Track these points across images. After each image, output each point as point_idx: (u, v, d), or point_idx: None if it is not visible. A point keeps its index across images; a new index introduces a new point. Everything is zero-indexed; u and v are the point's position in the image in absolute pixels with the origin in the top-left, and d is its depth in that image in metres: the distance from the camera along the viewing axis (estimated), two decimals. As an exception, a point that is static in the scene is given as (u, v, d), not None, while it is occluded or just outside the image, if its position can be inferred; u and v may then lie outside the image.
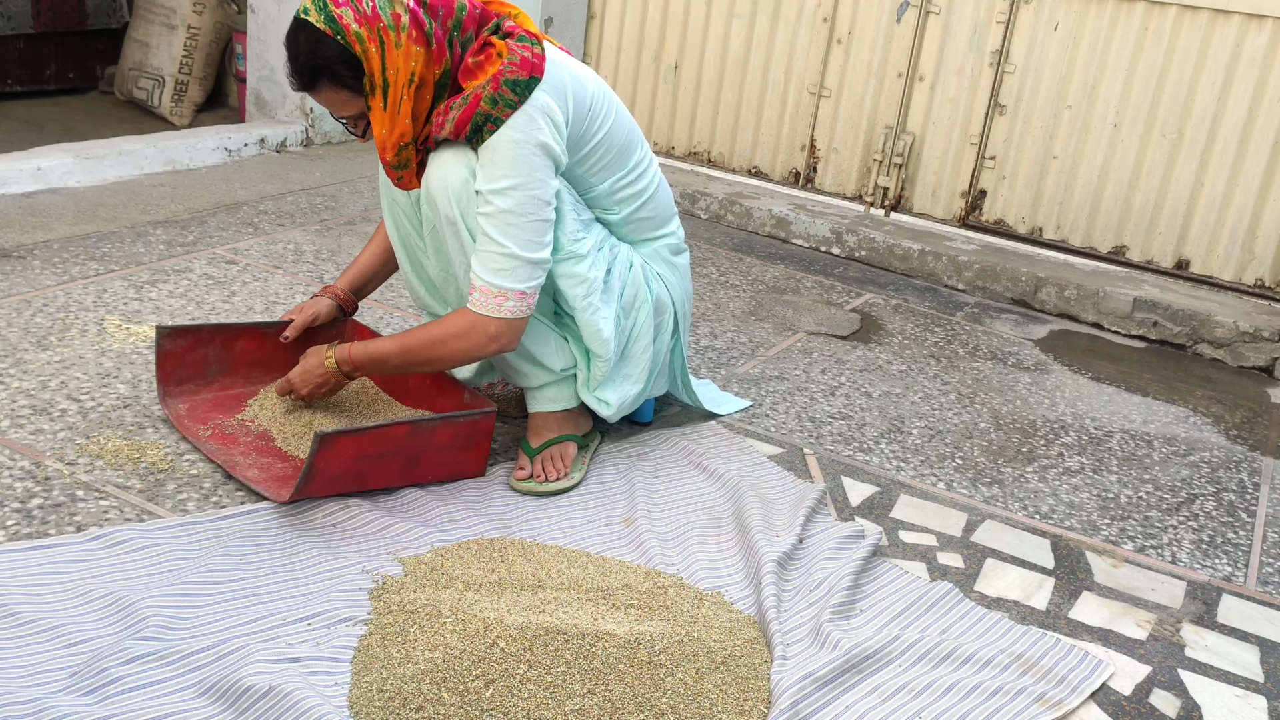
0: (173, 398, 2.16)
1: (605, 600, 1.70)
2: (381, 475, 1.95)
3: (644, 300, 2.12)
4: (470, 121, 1.85)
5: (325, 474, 1.85)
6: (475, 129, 1.86)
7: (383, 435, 1.91)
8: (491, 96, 1.84)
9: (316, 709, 1.40)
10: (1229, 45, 3.45)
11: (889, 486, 2.28)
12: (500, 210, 1.87)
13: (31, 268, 2.75)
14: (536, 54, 1.89)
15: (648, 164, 2.14)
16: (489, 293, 1.89)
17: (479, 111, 1.85)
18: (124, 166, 3.58)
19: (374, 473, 1.93)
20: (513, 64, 1.86)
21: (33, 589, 1.60)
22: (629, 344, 2.13)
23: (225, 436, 2.08)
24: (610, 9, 4.45)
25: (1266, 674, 1.86)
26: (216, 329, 2.20)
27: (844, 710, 1.58)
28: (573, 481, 2.09)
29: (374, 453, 1.90)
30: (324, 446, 1.81)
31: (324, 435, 1.79)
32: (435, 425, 1.98)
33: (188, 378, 2.18)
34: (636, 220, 2.14)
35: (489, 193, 1.87)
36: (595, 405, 2.12)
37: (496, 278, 1.88)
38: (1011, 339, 3.28)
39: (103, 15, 4.84)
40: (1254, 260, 3.56)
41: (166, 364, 2.15)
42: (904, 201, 4.07)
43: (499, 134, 1.85)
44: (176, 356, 2.16)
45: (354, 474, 1.90)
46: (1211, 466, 2.60)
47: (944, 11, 3.83)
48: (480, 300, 1.90)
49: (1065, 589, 2.01)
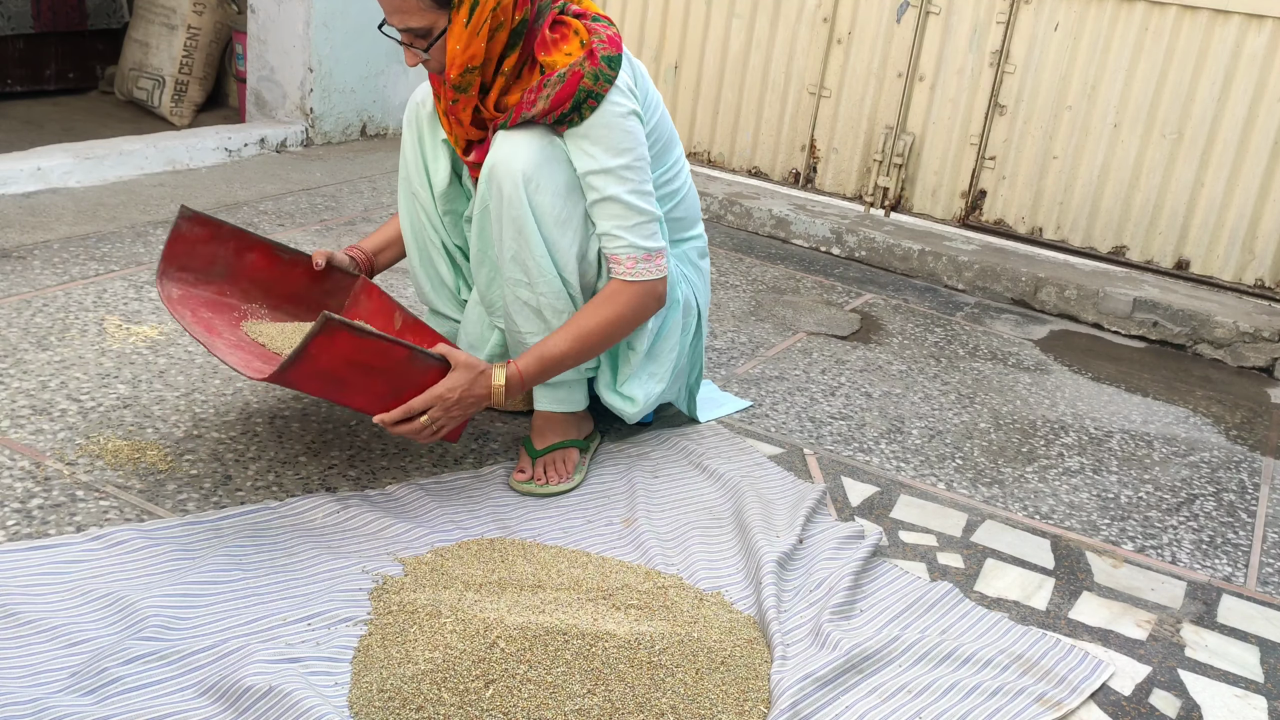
0: (169, 279, 2.09)
1: (605, 600, 1.70)
2: (362, 393, 1.84)
3: (676, 300, 2.14)
4: (572, 98, 1.87)
5: (314, 364, 1.76)
6: (576, 105, 1.88)
7: (382, 349, 1.80)
8: (594, 73, 1.87)
9: (316, 709, 1.40)
10: (1229, 45, 3.45)
11: (889, 486, 2.28)
12: (637, 183, 1.94)
13: (31, 268, 2.75)
14: (618, 34, 1.95)
15: (683, 164, 2.17)
16: (649, 257, 1.96)
17: (581, 88, 1.87)
18: (124, 166, 3.58)
19: (357, 387, 1.83)
20: (603, 41, 1.90)
21: (33, 589, 1.60)
22: (657, 341, 2.13)
23: (209, 326, 2.02)
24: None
25: (1266, 674, 1.86)
26: (235, 232, 2.14)
27: (844, 710, 1.58)
28: (573, 484, 2.09)
29: (365, 363, 1.80)
30: (324, 331, 1.71)
31: (330, 319, 1.70)
32: (433, 365, 1.87)
33: (191, 268, 2.11)
34: (670, 220, 2.15)
35: (619, 168, 1.92)
36: (620, 403, 2.12)
37: (651, 241, 1.96)
38: (1011, 339, 3.28)
39: (103, 15, 4.84)
40: (1254, 260, 3.56)
41: (176, 245, 2.08)
42: (904, 201, 4.07)
43: (608, 110, 1.89)
44: (188, 243, 2.10)
45: (338, 379, 1.81)
46: (1211, 467, 2.60)
47: (944, 11, 3.83)
48: (644, 268, 1.97)
49: (1065, 589, 2.01)
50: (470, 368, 1.87)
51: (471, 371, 1.87)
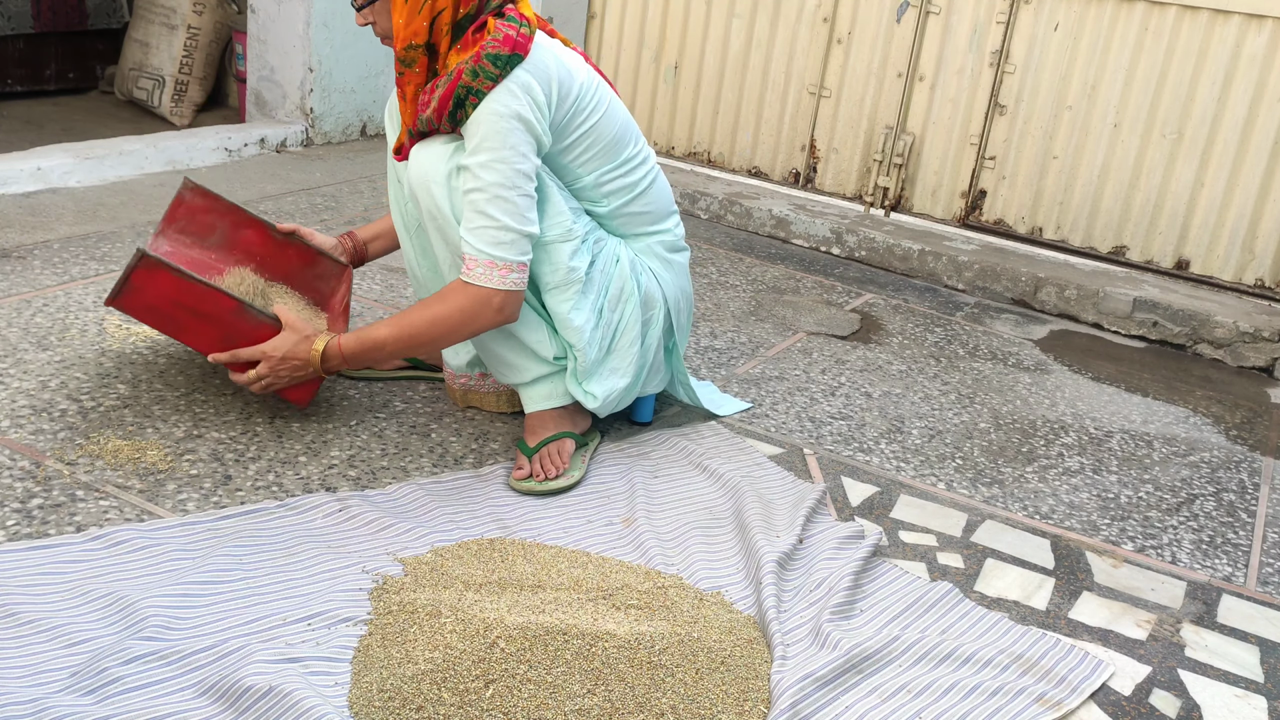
0: (164, 237, 2.21)
1: (605, 600, 1.70)
2: (196, 337, 1.98)
3: (630, 294, 2.12)
4: (453, 96, 1.89)
5: (141, 297, 1.91)
6: (458, 103, 1.89)
7: (208, 295, 1.93)
8: (473, 69, 1.87)
9: (316, 709, 1.40)
10: (1229, 45, 3.45)
11: (889, 486, 2.28)
12: (488, 184, 1.89)
13: (31, 268, 2.75)
14: (522, 34, 1.91)
15: (641, 160, 2.14)
16: (492, 265, 1.90)
17: (460, 84, 1.88)
18: (124, 166, 3.58)
19: (190, 329, 1.97)
20: (495, 40, 1.89)
21: (33, 589, 1.60)
22: (615, 337, 2.13)
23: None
24: (610, 9, 4.45)
25: (1266, 674, 1.86)
26: (233, 208, 2.27)
27: (844, 710, 1.58)
28: (573, 480, 2.09)
29: (192, 306, 1.93)
30: (142, 265, 1.86)
31: (145, 255, 1.85)
32: (262, 321, 1.98)
33: (187, 232, 2.24)
34: (627, 214, 2.14)
35: (475, 166, 1.89)
36: (582, 397, 2.13)
37: (497, 249, 1.90)
38: (1011, 339, 3.28)
39: (103, 15, 4.84)
40: (1254, 260, 3.56)
41: (178, 210, 2.21)
42: (904, 201, 4.07)
43: (481, 107, 1.88)
44: (190, 210, 2.22)
45: (169, 317, 1.95)
46: (1211, 466, 2.60)
47: (944, 11, 3.83)
48: (483, 274, 1.91)
49: (1065, 589, 2.01)
50: (296, 331, 1.99)
51: (296, 335, 1.99)
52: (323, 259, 2.31)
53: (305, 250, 2.32)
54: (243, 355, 2.00)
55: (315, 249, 2.32)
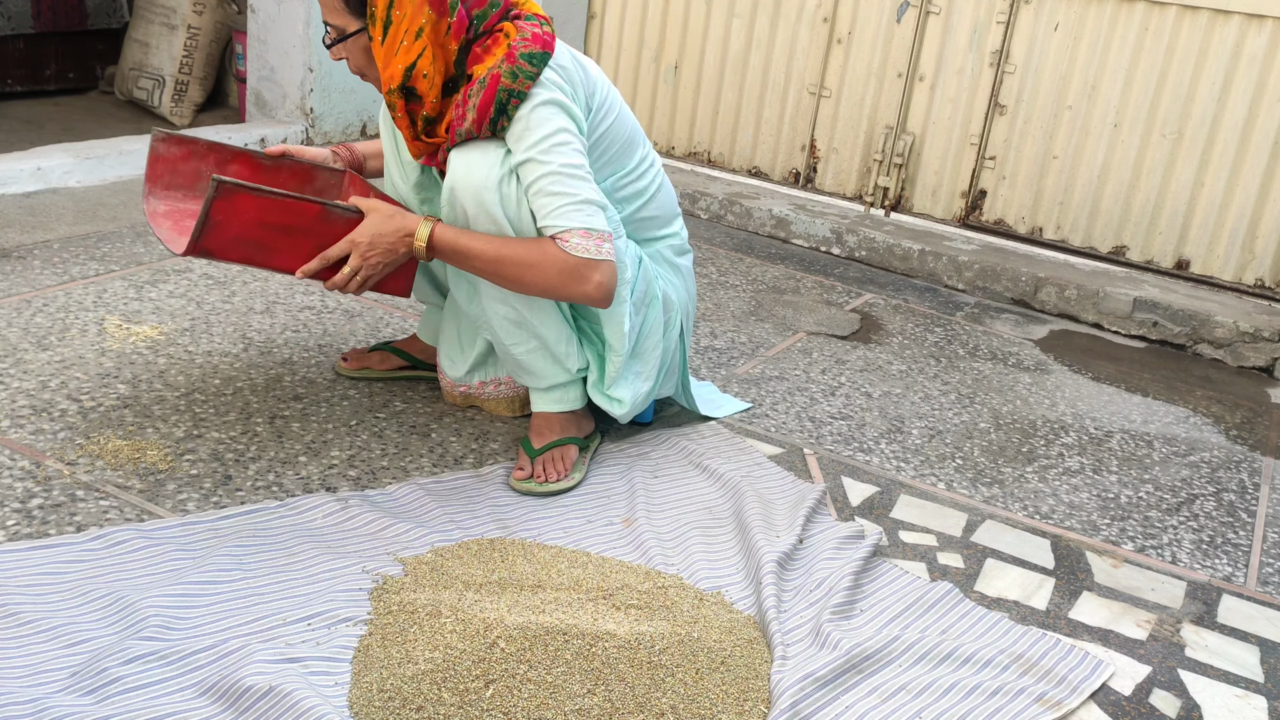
0: (155, 197, 2.14)
1: (605, 600, 1.70)
2: (288, 254, 1.87)
3: (654, 296, 2.13)
4: (494, 102, 1.85)
5: (224, 230, 1.79)
6: (500, 108, 1.85)
7: (289, 207, 1.83)
8: (511, 71, 1.85)
9: (316, 709, 1.40)
10: (1229, 45, 3.45)
11: (889, 486, 2.28)
12: (558, 164, 1.85)
13: (31, 268, 2.75)
14: (547, 32, 1.92)
15: (649, 163, 2.14)
16: (587, 234, 1.86)
17: (500, 88, 1.85)
18: (124, 166, 3.58)
19: (280, 248, 1.86)
20: (525, 39, 1.88)
21: (33, 589, 1.60)
22: (640, 340, 2.13)
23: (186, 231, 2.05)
24: (610, 9, 4.45)
25: (1266, 674, 1.86)
26: (212, 145, 2.18)
27: (844, 710, 1.58)
28: (573, 482, 2.09)
29: (278, 223, 1.83)
30: (220, 196, 1.74)
31: (221, 183, 1.73)
32: (352, 217, 1.89)
33: (176, 185, 2.15)
34: (639, 220, 2.14)
35: (538, 154, 1.85)
36: (608, 405, 2.12)
37: (589, 220, 1.86)
38: (1011, 339, 3.28)
39: (103, 15, 4.84)
40: (1254, 260, 3.56)
41: (157, 166, 2.13)
42: (904, 201, 4.07)
43: (525, 105, 1.85)
44: (169, 162, 2.14)
45: (257, 242, 1.83)
46: (1211, 466, 2.60)
47: (944, 11, 3.83)
48: (580, 243, 1.86)
49: (1065, 589, 2.01)
50: (379, 210, 1.90)
51: (379, 215, 1.89)
52: (319, 172, 2.22)
53: (299, 168, 2.21)
54: (332, 254, 1.88)
55: (309, 164, 2.21)
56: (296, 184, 2.21)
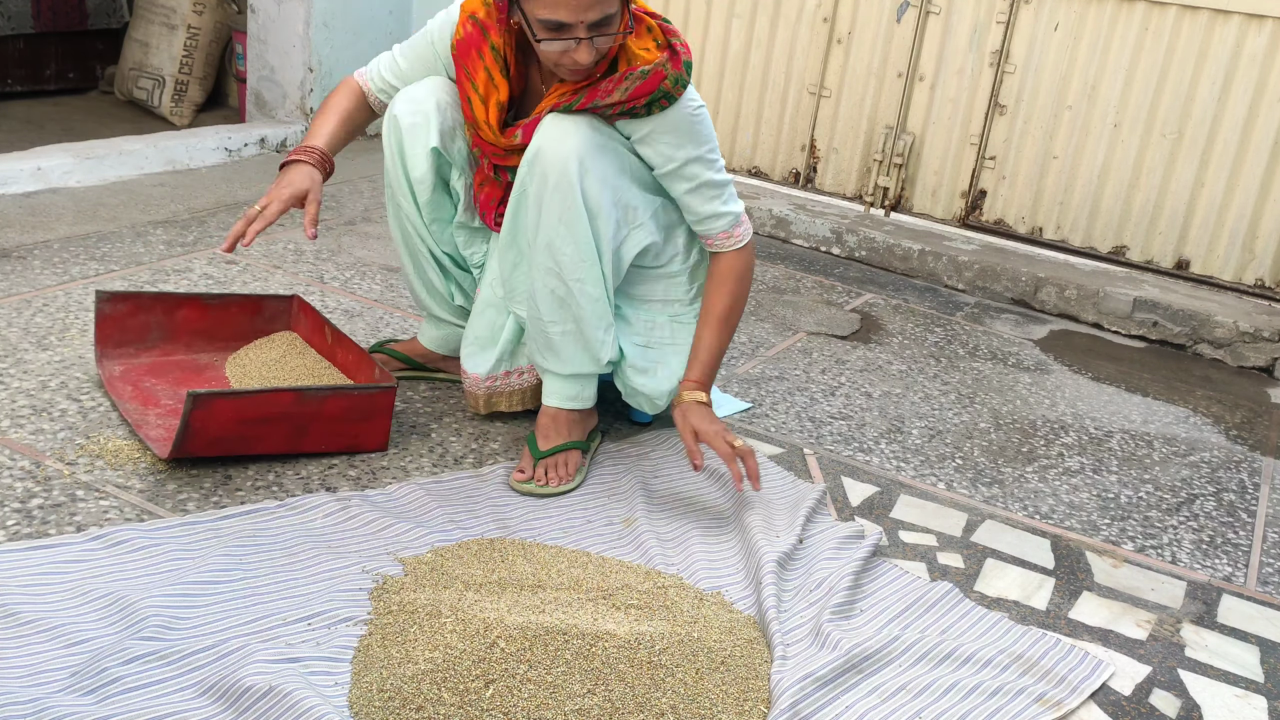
0: (110, 359, 2.22)
1: (605, 600, 1.70)
2: (268, 441, 1.98)
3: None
4: (650, 95, 1.92)
5: (204, 434, 1.89)
6: (650, 103, 1.93)
7: (265, 400, 1.94)
8: (676, 76, 1.93)
9: (316, 709, 1.40)
10: (1229, 45, 3.45)
11: (889, 486, 2.28)
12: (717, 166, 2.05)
13: (31, 268, 2.75)
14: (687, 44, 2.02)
15: None
16: (745, 219, 2.11)
17: (661, 88, 1.92)
18: (124, 166, 3.58)
19: (259, 437, 1.96)
20: (683, 45, 1.96)
21: (33, 589, 1.60)
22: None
23: (147, 397, 2.14)
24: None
25: (1266, 674, 1.86)
26: (158, 296, 2.27)
27: (844, 710, 1.58)
28: (573, 484, 2.09)
29: (256, 417, 1.93)
30: (198, 407, 1.84)
31: (197, 396, 1.83)
32: (325, 395, 1.99)
33: (127, 341, 2.25)
34: None
35: (706, 153, 2.02)
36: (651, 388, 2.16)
37: (738, 205, 2.10)
38: (1011, 339, 3.28)
39: (103, 15, 4.84)
40: (1254, 260, 3.56)
41: (105, 327, 2.22)
42: (904, 201, 4.07)
43: (683, 108, 1.97)
44: (116, 321, 2.23)
45: (237, 437, 1.94)
46: (1211, 466, 2.60)
47: (944, 11, 3.83)
48: (744, 231, 2.11)
49: (1065, 589, 2.01)
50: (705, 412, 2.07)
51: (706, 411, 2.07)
52: (266, 302, 2.36)
53: (247, 302, 2.35)
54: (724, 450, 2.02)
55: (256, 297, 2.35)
56: (246, 316, 2.34)
